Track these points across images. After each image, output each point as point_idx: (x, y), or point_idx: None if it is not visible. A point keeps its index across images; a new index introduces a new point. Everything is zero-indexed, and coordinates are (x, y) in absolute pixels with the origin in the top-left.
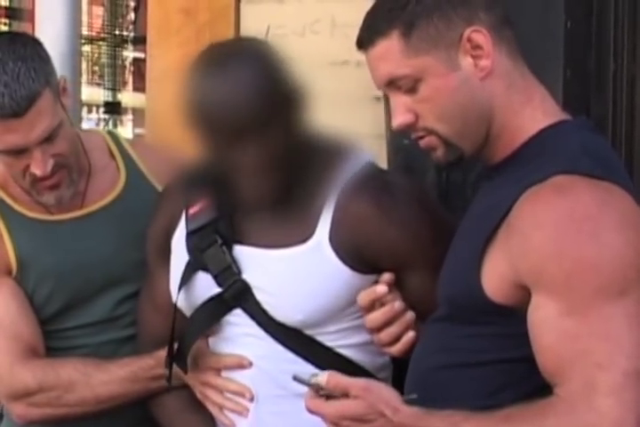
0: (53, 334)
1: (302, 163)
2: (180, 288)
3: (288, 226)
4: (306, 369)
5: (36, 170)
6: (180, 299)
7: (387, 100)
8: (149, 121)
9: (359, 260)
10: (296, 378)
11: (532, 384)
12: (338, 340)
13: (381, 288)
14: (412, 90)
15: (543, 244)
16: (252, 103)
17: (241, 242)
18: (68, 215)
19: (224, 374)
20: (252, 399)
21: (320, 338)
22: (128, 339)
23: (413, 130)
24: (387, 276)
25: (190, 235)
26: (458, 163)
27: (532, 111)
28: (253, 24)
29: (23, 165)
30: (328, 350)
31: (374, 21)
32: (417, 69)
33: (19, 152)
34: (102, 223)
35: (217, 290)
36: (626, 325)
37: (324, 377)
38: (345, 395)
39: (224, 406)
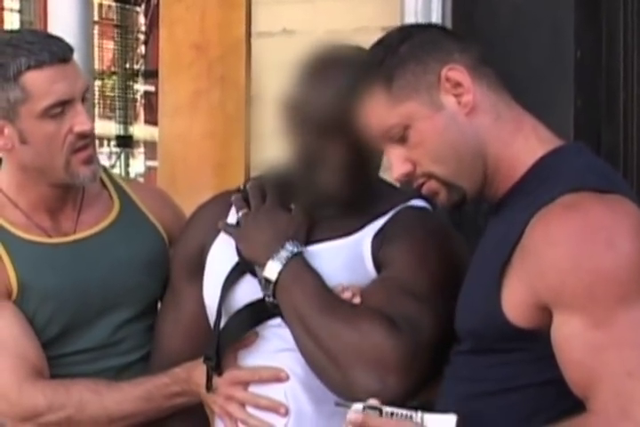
0: (52, 361)
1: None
2: (225, 288)
3: (341, 223)
4: None
5: (83, 125)
6: (220, 301)
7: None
8: (162, 156)
9: (377, 260)
10: (339, 404)
11: (563, 406)
12: None
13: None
14: (403, 139)
15: (559, 260)
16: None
17: None
18: (66, 239)
19: (250, 389)
20: (286, 414)
21: None
22: (126, 367)
23: (413, 178)
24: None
25: None
26: (462, 204)
27: (524, 140)
28: (264, 58)
29: (66, 128)
30: None
31: (357, 81)
32: (403, 117)
33: (64, 106)
34: (98, 248)
35: (261, 295)
36: None
37: (358, 410)
38: None
39: (247, 423)
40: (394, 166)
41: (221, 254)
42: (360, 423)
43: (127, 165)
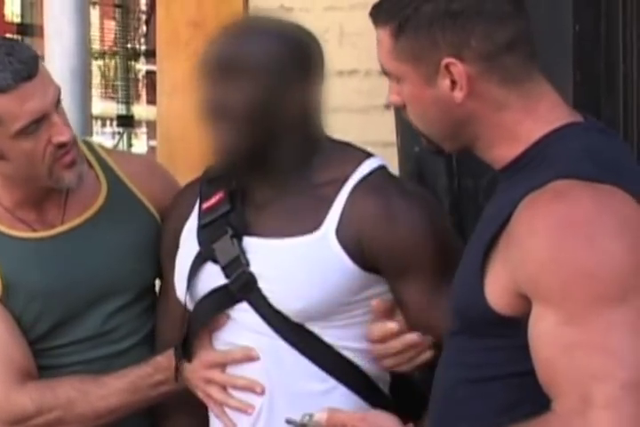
0: (43, 353)
1: (315, 155)
2: (189, 278)
3: (297, 217)
4: (308, 368)
5: (61, 136)
6: (187, 291)
7: (396, 108)
8: (161, 134)
9: (361, 255)
10: (289, 421)
11: (543, 400)
12: (340, 341)
13: (392, 325)
14: (398, 82)
15: (539, 251)
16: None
17: (251, 234)
18: (52, 231)
19: (228, 371)
20: (262, 393)
21: (323, 337)
22: (120, 354)
23: (402, 110)
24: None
25: (203, 228)
26: (441, 154)
27: (532, 123)
28: None
29: (44, 140)
30: (330, 348)
31: (382, 7)
32: (398, 72)
33: (39, 122)
34: (88, 236)
35: (224, 281)
36: (626, 334)
37: (323, 415)
38: None
39: (227, 404)
40: (389, 93)
41: (185, 246)
42: None
43: (130, 146)
